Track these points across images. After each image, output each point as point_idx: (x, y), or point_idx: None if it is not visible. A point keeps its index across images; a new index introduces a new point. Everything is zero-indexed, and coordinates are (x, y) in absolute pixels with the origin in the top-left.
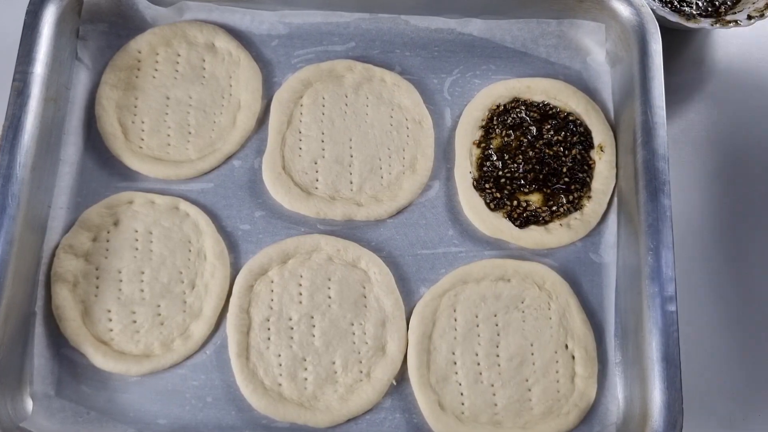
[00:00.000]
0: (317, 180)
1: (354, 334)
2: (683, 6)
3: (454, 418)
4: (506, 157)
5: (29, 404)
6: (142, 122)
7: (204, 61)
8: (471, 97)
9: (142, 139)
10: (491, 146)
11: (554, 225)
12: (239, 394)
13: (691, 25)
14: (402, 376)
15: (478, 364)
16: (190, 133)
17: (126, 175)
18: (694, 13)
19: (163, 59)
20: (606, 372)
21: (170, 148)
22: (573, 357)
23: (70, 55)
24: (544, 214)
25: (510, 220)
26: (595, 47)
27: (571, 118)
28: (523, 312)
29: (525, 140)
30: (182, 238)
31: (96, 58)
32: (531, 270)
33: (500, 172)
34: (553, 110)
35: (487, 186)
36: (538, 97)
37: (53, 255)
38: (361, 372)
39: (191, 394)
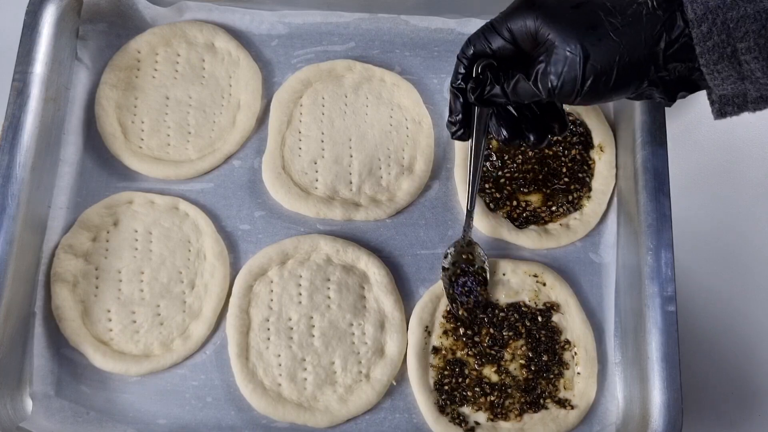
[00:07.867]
0: (317, 180)
1: (353, 334)
2: None
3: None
4: (506, 157)
5: (29, 404)
6: (142, 122)
7: (204, 61)
8: None
9: (142, 139)
10: (491, 146)
11: (554, 225)
12: (239, 394)
13: None
14: (402, 376)
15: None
16: (189, 133)
17: (126, 175)
18: None
19: (162, 59)
20: (606, 372)
21: (170, 148)
22: (573, 357)
23: (70, 55)
24: (543, 215)
25: (510, 220)
26: None
27: (570, 117)
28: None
29: None
30: (182, 238)
31: (96, 58)
32: (530, 270)
33: (500, 173)
34: None
35: (486, 186)
36: None
37: (53, 255)
38: (361, 372)
39: (191, 394)
